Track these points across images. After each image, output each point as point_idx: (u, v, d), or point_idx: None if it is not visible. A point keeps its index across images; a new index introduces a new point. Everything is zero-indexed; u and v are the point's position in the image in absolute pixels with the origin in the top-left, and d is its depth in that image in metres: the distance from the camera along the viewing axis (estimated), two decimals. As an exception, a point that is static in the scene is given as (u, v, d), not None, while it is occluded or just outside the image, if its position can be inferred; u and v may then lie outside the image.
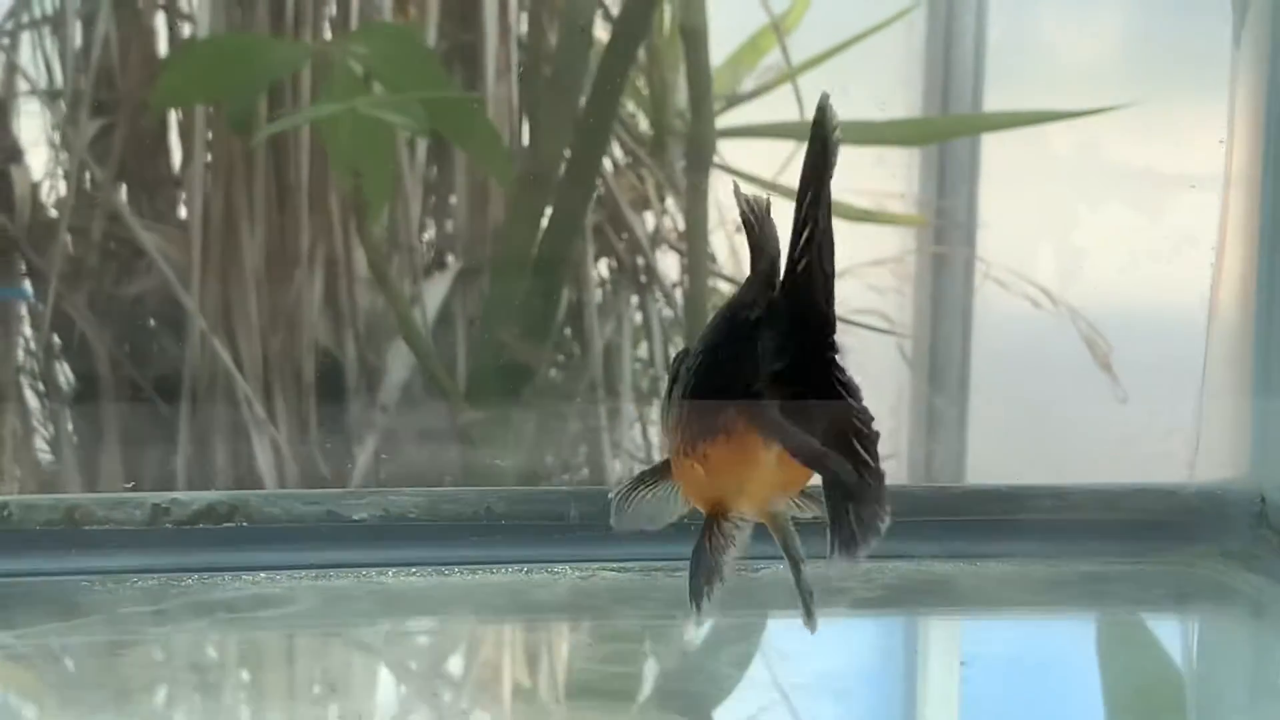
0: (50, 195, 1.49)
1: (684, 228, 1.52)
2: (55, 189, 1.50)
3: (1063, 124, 1.60)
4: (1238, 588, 0.99)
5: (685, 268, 1.53)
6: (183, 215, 1.49)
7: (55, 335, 1.47)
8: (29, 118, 1.49)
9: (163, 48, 1.46)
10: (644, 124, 1.53)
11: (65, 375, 1.50)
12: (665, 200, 1.53)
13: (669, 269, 1.55)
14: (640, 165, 1.51)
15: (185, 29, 1.48)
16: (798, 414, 0.68)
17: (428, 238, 1.53)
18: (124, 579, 0.81)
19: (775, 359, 0.67)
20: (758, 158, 1.52)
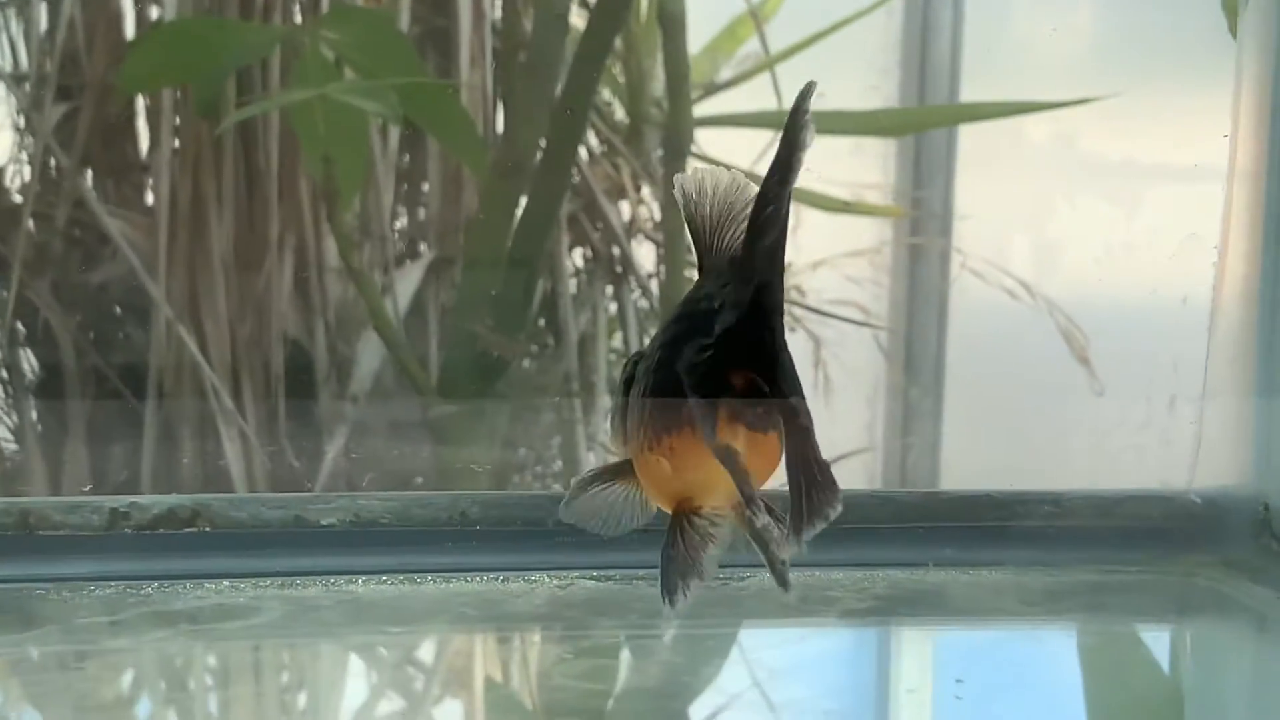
0: (14, 181, 1.46)
1: (660, 217, 1.50)
2: (20, 174, 1.47)
3: (1042, 114, 1.59)
4: (1239, 599, 0.96)
5: (661, 257, 1.51)
6: (149, 202, 1.47)
7: (18, 323, 1.44)
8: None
9: (129, 30, 1.44)
10: (620, 112, 1.51)
11: (29, 364, 1.47)
12: (641, 190, 1.51)
13: (645, 259, 1.53)
14: (616, 154, 1.49)
15: (152, 11, 1.46)
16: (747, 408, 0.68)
17: (399, 226, 1.50)
18: (81, 587, 0.77)
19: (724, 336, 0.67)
20: (735, 147, 1.50)
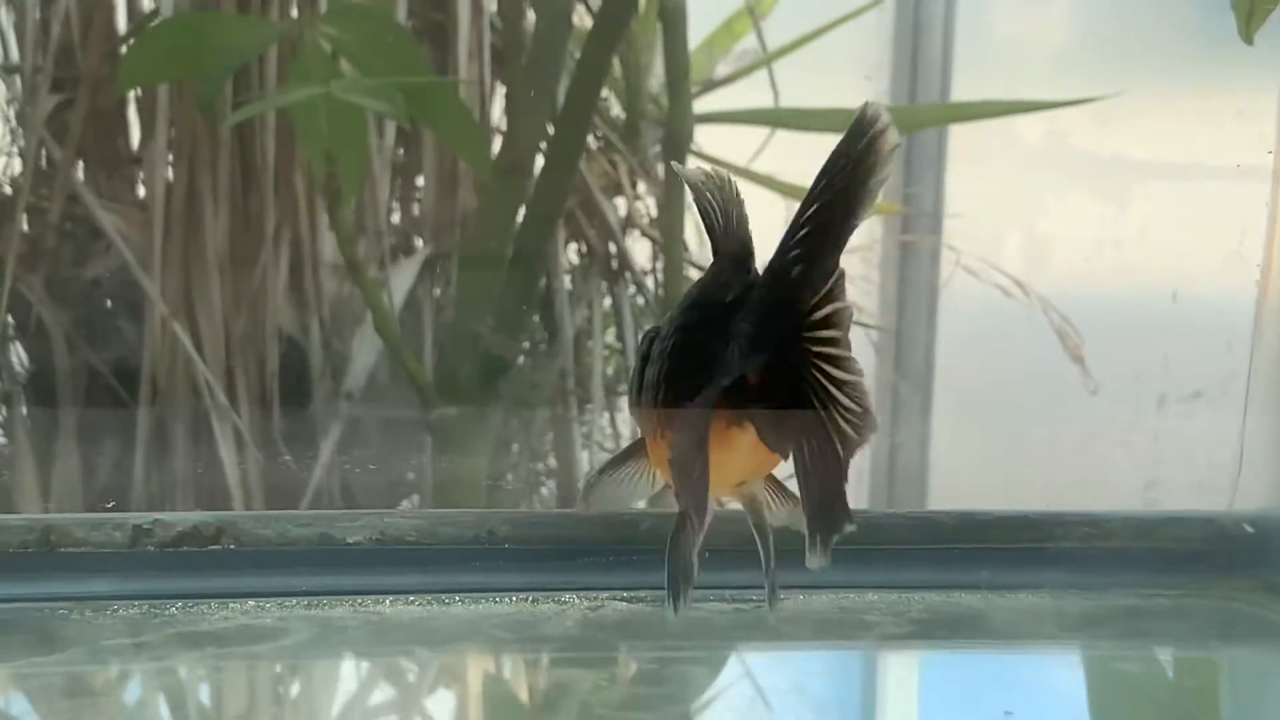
0: (4, 173, 1.45)
1: (657, 214, 1.50)
2: (10, 168, 1.45)
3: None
4: (1280, 623, 0.95)
5: (658, 254, 1.51)
6: (143, 195, 1.46)
7: (10, 317, 1.42)
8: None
9: (123, 23, 1.42)
10: (616, 108, 1.51)
11: (20, 358, 1.46)
12: (638, 186, 1.51)
13: (641, 255, 1.53)
14: (612, 150, 1.49)
15: (146, 3, 1.44)
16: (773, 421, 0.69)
17: (394, 221, 1.50)
18: (104, 606, 0.76)
19: (751, 350, 0.68)
20: (732, 143, 1.50)
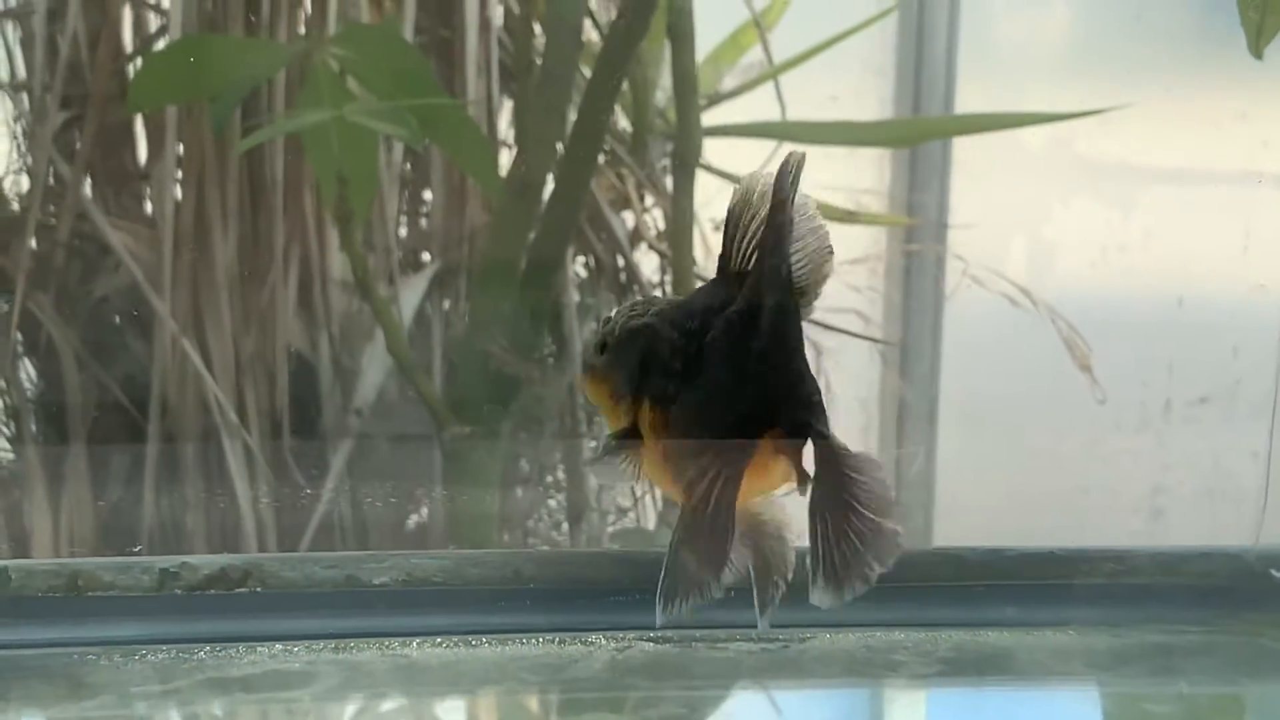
0: (12, 190, 1.45)
1: (665, 227, 1.50)
2: (18, 185, 1.45)
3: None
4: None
5: (665, 267, 1.51)
6: (151, 212, 1.46)
7: (19, 335, 1.42)
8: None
9: (131, 40, 1.42)
10: (623, 122, 1.51)
11: (29, 375, 1.46)
12: (645, 199, 1.51)
13: (648, 269, 1.53)
14: (620, 164, 1.49)
15: (152, 20, 1.44)
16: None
17: (402, 235, 1.50)
18: (132, 651, 0.76)
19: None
20: (738, 155, 1.50)
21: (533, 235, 1.21)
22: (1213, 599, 0.94)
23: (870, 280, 1.72)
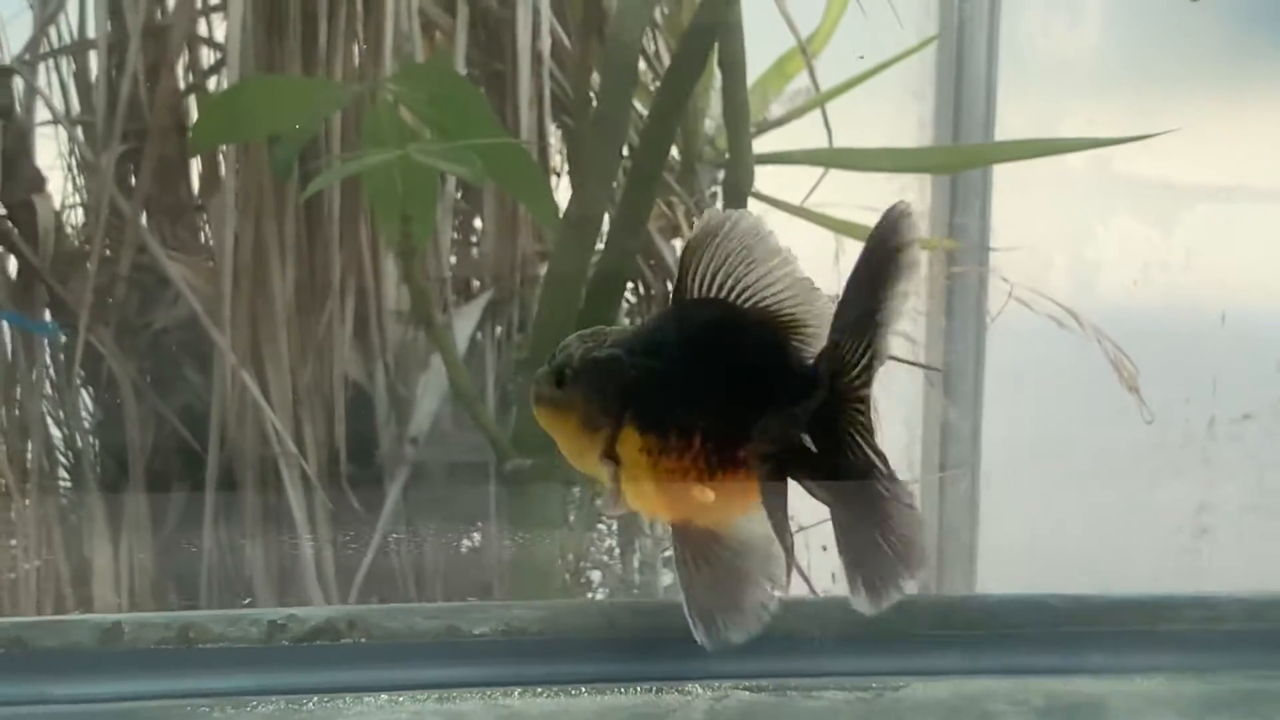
0: (71, 221, 1.47)
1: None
2: (74, 218, 1.47)
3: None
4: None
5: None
6: (207, 244, 1.48)
7: (79, 367, 1.44)
8: (46, 140, 1.46)
9: (185, 74, 1.44)
10: (672, 150, 1.52)
11: (87, 407, 1.48)
12: (694, 227, 1.52)
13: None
14: (669, 192, 1.50)
15: (205, 55, 1.46)
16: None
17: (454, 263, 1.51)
18: (243, 702, 0.78)
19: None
20: (780, 181, 1.50)
21: (592, 267, 1.22)
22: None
23: (914, 302, 1.73)
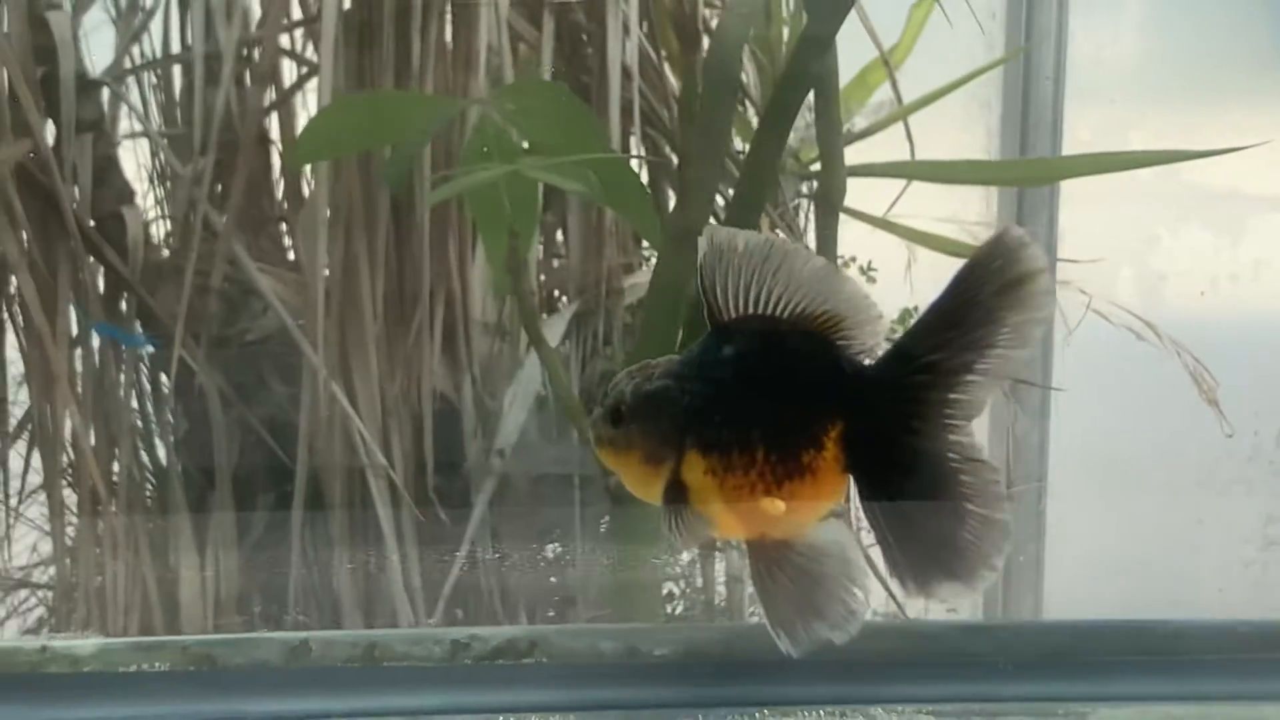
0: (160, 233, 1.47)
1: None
2: (158, 230, 1.48)
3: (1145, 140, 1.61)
4: None
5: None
6: (293, 256, 1.48)
7: (164, 375, 1.45)
8: (127, 153, 1.46)
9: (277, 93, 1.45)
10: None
11: (174, 417, 1.48)
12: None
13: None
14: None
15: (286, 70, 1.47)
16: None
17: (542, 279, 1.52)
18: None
19: None
20: (869, 196, 1.50)
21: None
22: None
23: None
